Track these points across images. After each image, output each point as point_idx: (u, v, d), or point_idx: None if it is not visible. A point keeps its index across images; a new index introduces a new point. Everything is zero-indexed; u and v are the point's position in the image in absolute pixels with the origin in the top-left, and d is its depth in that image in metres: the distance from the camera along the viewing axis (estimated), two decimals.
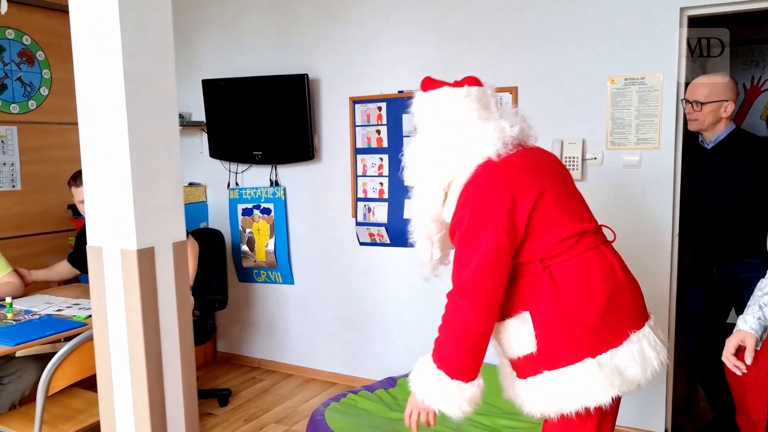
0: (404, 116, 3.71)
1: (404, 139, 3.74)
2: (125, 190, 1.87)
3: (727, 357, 1.91)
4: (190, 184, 4.53)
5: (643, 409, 3.27)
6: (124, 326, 1.93)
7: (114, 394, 1.99)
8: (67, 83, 4.72)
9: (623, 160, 3.21)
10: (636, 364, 1.82)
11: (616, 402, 1.86)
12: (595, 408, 1.80)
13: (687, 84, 3.04)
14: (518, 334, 1.89)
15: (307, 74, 3.88)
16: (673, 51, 3.05)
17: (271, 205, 4.25)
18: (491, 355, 3.52)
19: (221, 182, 4.48)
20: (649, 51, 3.09)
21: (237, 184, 4.41)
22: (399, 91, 3.74)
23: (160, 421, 1.97)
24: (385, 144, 3.82)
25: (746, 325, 1.91)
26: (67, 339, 2.46)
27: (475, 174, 1.85)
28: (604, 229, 2.00)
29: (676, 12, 3.02)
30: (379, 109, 3.80)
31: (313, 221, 4.16)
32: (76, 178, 3.25)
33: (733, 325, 2.01)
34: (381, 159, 3.85)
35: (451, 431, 3.04)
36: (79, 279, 4.06)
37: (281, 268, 4.27)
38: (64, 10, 4.61)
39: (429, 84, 2.03)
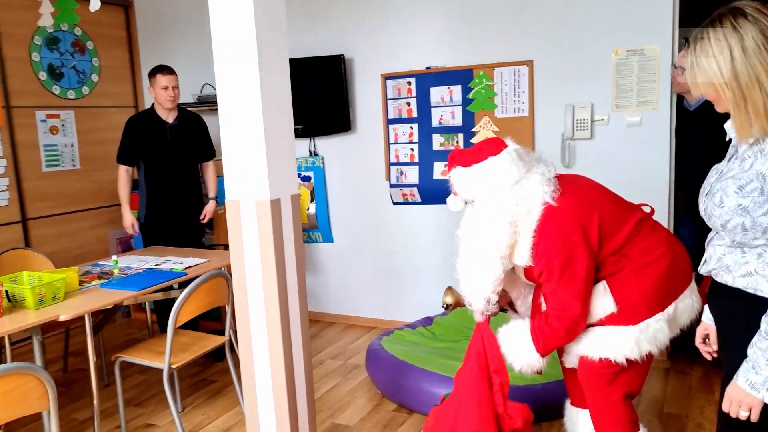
0: (432, 89, 4.24)
1: (432, 109, 4.26)
2: (259, 150, 2.37)
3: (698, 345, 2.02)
4: None
5: None
6: (258, 264, 2.45)
7: (250, 311, 2.51)
8: (112, 70, 5.16)
9: (626, 121, 3.78)
10: (686, 314, 2.28)
11: None
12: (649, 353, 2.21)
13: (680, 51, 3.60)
14: (599, 301, 2.24)
15: (343, 55, 4.37)
16: (667, 25, 3.60)
17: (310, 173, 4.76)
18: None
19: None
20: (647, 26, 3.64)
21: None
22: (426, 67, 4.25)
23: (287, 334, 2.50)
24: (414, 114, 4.34)
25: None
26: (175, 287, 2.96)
27: (543, 222, 2.17)
28: (643, 207, 2.41)
29: None
30: (409, 83, 4.31)
31: (349, 185, 4.68)
32: (158, 71, 4.03)
33: None
34: (411, 128, 4.37)
35: None
36: (133, 246, 4.53)
37: (321, 228, 4.80)
38: (109, 3, 5.01)
39: (467, 158, 2.26)
